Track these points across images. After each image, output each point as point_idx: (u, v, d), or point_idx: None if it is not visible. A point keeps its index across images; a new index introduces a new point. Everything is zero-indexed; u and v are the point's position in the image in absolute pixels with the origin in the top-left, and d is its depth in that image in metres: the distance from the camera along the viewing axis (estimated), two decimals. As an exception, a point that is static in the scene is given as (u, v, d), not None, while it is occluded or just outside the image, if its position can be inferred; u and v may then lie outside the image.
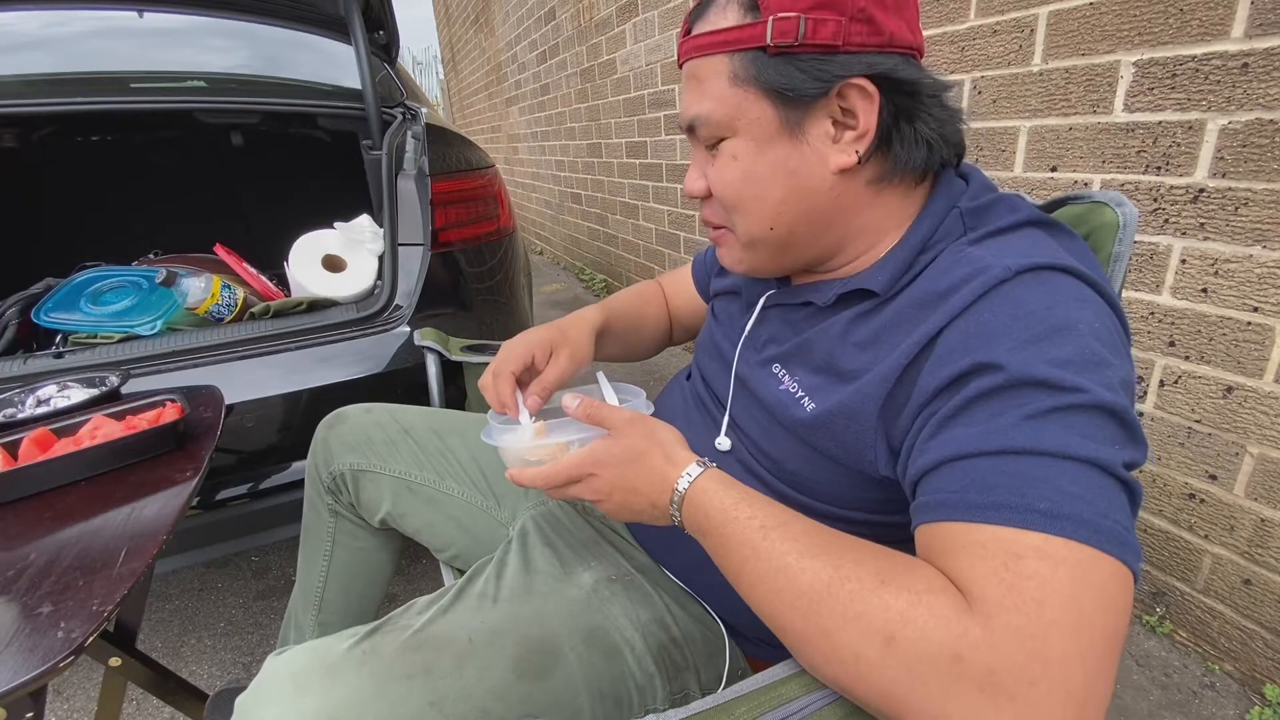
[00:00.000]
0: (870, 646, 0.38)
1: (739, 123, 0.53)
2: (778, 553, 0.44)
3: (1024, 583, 0.36)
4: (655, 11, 2.73)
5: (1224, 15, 0.98)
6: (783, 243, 0.57)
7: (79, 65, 1.52)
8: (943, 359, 0.45)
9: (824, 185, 0.53)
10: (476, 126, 7.72)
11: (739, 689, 0.46)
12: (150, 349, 1.18)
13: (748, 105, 0.52)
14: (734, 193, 0.55)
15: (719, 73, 0.52)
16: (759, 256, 0.59)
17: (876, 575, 0.40)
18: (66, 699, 1.24)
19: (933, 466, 0.43)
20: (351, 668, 0.53)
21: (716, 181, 0.56)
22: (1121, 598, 0.37)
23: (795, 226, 0.55)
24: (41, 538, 0.67)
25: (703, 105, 0.54)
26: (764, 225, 0.55)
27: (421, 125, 1.42)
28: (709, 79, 0.53)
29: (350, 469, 0.86)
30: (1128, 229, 0.58)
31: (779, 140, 0.52)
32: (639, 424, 0.54)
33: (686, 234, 2.95)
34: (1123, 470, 0.39)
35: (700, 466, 0.51)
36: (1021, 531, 0.37)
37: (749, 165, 0.53)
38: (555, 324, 0.77)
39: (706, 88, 0.53)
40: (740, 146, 0.53)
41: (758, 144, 0.53)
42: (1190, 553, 1.20)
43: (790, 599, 0.42)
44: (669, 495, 0.51)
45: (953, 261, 0.50)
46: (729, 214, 0.57)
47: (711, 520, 0.48)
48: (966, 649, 0.35)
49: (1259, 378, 1.04)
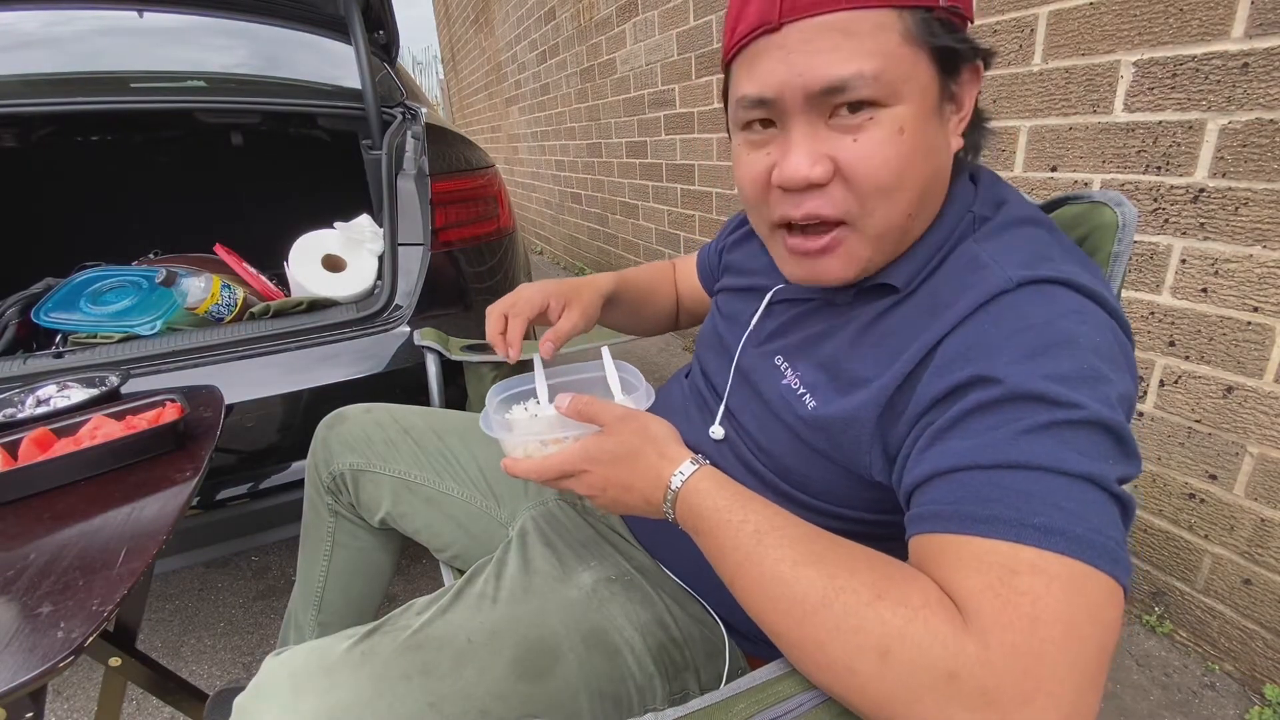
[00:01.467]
0: (865, 661, 0.38)
1: (908, 87, 0.46)
2: (771, 559, 0.44)
3: (1019, 599, 0.36)
4: (655, 11, 2.73)
5: (1224, 15, 0.98)
6: (904, 235, 0.50)
7: (79, 65, 1.52)
8: (941, 369, 0.45)
9: (946, 170, 0.50)
10: (476, 126, 7.72)
11: (736, 686, 0.46)
12: (150, 349, 1.18)
13: (920, 69, 0.46)
14: (894, 172, 0.46)
15: (887, 27, 0.45)
16: (880, 256, 0.51)
17: (872, 588, 0.40)
18: (66, 699, 1.24)
19: (928, 477, 0.43)
20: (350, 668, 0.53)
21: (866, 159, 0.46)
22: (1112, 614, 0.37)
23: (920, 215, 0.50)
24: (41, 538, 0.67)
25: (868, 62, 0.44)
26: (905, 213, 0.49)
27: (421, 125, 1.42)
28: (869, 34, 0.44)
29: (350, 469, 0.86)
30: (1127, 229, 0.58)
31: (934, 114, 0.47)
32: (631, 420, 0.54)
33: (686, 234, 2.95)
34: (1116, 485, 0.39)
35: (694, 464, 0.51)
36: (1017, 546, 0.37)
37: (915, 139, 0.46)
38: (568, 280, 0.79)
39: (868, 43, 0.44)
40: (906, 116, 0.46)
41: (923, 115, 0.47)
42: (1190, 553, 1.20)
43: (784, 607, 0.42)
44: (662, 492, 0.51)
45: (960, 265, 0.50)
46: (866, 202, 0.48)
47: (705, 521, 0.48)
48: (962, 667, 0.35)
49: (1259, 378, 1.04)
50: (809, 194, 0.49)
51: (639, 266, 0.94)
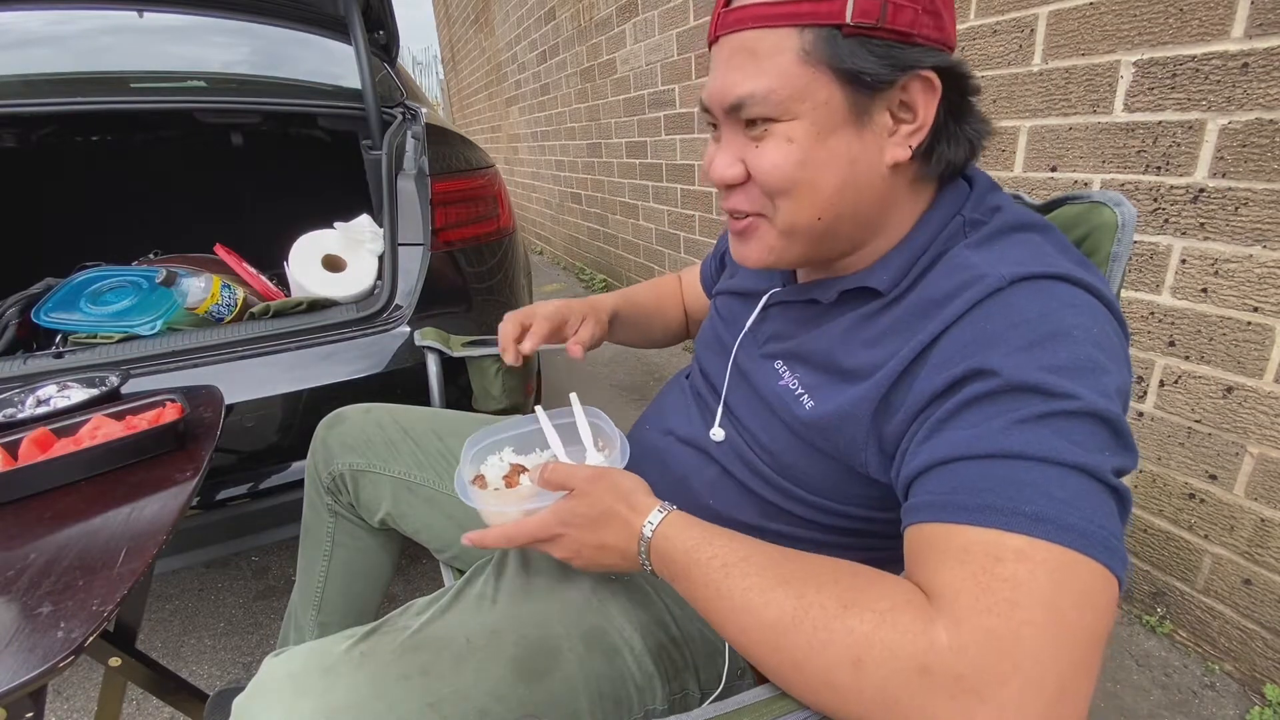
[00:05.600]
0: (840, 673, 0.38)
1: (802, 105, 0.48)
2: (739, 590, 0.44)
3: (999, 585, 0.36)
4: (655, 11, 2.73)
5: (1224, 15, 0.98)
6: (823, 234, 0.54)
7: (79, 65, 1.52)
8: (938, 365, 0.46)
9: (877, 178, 0.51)
10: (476, 126, 7.72)
11: (739, 701, 0.46)
12: (150, 349, 1.18)
13: (817, 87, 0.48)
14: (785, 178, 0.51)
15: (785, 48, 0.48)
16: (793, 248, 0.55)
17: (839, 600, 0.40)
18: (66, 699, 1.24)
19: (924, 469, 0.43)
20: (349, 669, 0.53)
21: (763, 165, 0.51)
22: (1103, 600, 0.37)
23: (841, 218, 0.53)
24: (41, 538, 0.67)
25: (759, 82, 0.48)
26: (812, 214, 0.52)
27: (421, 125, 1.42)
28: (769, 54, 0.48)
29: (350, 469, 0.86)
30: (1126, 229, 0.58)
31: (843, 127, 0.49)
32: (601, 479, 0.55)
33: (686, 234, 2.95)
34: (1112, 476, 0.39)
35: (661, 512, 0.52)
36: (1005, 534, 0.38)
37: (807, 150, 0.49)
38: (581, 299, 0.85)
39: (765, 64, 0.48)
40: (799, 130, 0.49)
41: (820, 129, 0.49)
42: (1190, 553, 1.20)
43: (758, 635, 0.43)
44: (636, 543, 0.52)
45: (951, 268, 0.50)
46: (770, 200, 0.53)
47: (676, 565, 0.49)
48: (934, 659, 0.36)
49: (1259, 378, 1.04)
50: (733, 190, 0.55)
51: (642, 284, 0.96)
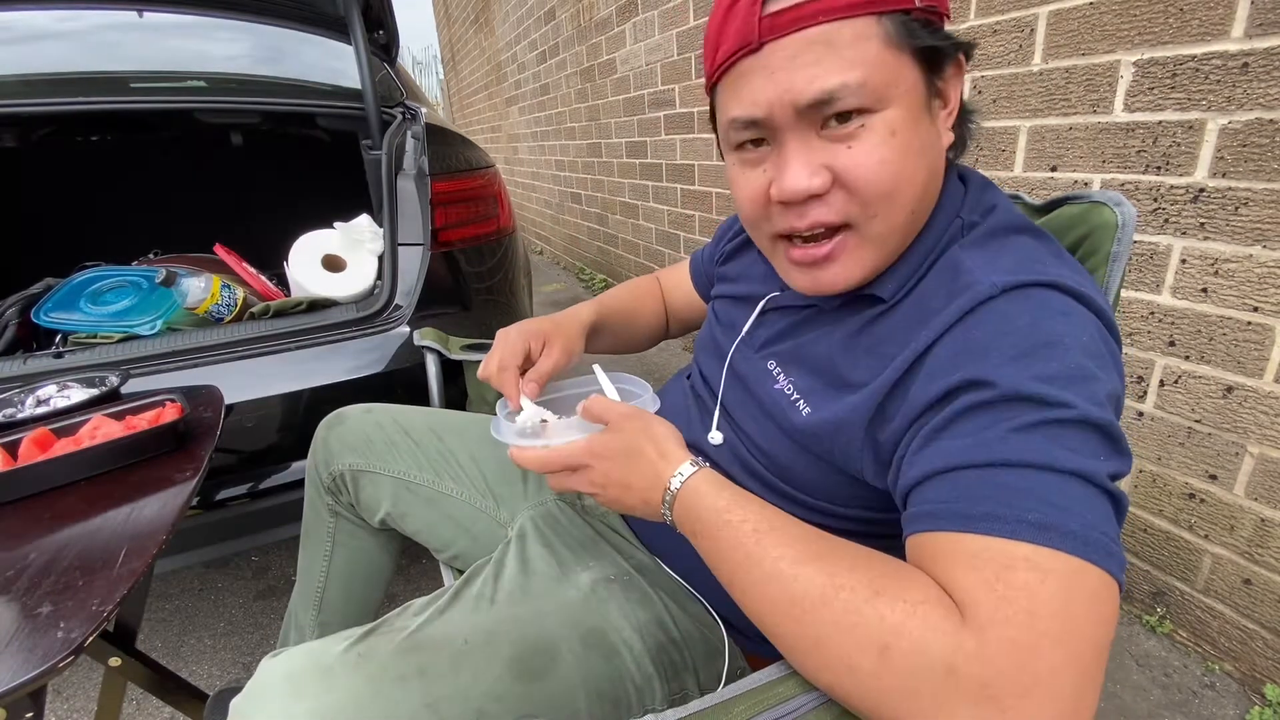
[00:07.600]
0: (865, 657, 0.38)
1: (896, 90, 0.46)
2: (771, 558, 0.44)
3: (1015, 594, 0.36)
4: (655, 11, 2.73)
5: (1224, 15, 0.98)
6: (904, 233, 0.51)
7: (79, 65, 1.52)
8: (933, 374, 0.46)
9: (940, 166, 0.50)
10: (476, 126, 7.71)
11: (737, 687, 0.46)
12: (150, 349, 1.18)
13: (905, 71, 0.47)
14: (891, 176, 0.47)
15: (867, 35, 0.45)
16: (884, 256, 0.51)
17: (871, 585, 0.40)
18: (66, 699, 1.24)
19: (923, 478, 0.43)
20: (347, 670, 0.53)
21: (866, 164, 0.47)
22: (1108, 608, 0.37)
23: (917, 213, 0.50)
24: (41, 538, 0.67)
25: (851, 73, 0.45)
26: (906, 212, 0.49)
27: (421, 125, 1.42)
28: (851, 44, 0.45)
29: (350, 469, 0.86)
30: (1126, 229, 0.58)
31: (924, 113, 0.48)
32: (636, 419, 0.55)
33: (686, 234, 2.95)
34: (1108, 481, 0.40)
35: (694, 466, 0.51)
36: (1011, 542, 0.38)
37: (907, 141, 0.47)
38: (549, 317, 0.79)
39: (849, 54, 0.45)
40: (897, 120, 0.47)
41: (914, 115, 0.47)
42: (1190, 553, 1.20)
43: (784, 606, 0.42)
44: (660, 493, 0.51)
45: (946, 272, 0.50)
46: (865, 205, 0.48)
47: (703, 522, 0.48)
48: (960, 662, 0.36)
49: (1259, 377, 1.04)
50: (810, 204, 0.49)
51: (618, 287, 0.94)
